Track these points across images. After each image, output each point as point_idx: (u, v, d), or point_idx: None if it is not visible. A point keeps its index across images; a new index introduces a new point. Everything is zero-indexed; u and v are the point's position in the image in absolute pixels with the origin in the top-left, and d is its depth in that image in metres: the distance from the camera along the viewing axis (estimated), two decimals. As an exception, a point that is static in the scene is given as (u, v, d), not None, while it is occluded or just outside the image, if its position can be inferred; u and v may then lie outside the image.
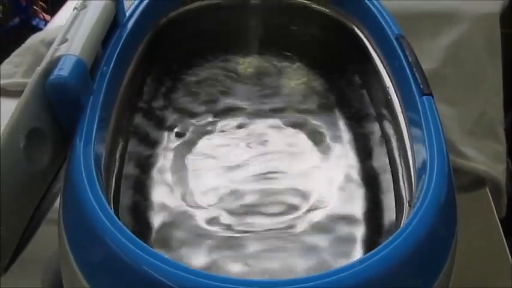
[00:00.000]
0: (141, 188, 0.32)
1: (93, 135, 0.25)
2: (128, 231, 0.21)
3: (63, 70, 0.25)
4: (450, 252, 0.24)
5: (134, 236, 0.20)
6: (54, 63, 0.26)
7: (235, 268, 0.28)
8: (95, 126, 0.25)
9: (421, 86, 0.28)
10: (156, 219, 0.30)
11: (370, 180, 0.33)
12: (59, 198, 0.26)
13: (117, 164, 0.30)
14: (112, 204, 0.26)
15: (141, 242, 0.20)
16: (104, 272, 0.21)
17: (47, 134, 0.26)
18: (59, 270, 0.33)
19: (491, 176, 0.39)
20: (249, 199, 0.32)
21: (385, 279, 0.20)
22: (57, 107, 0.26)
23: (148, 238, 0.29)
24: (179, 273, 0.19)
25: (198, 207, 0.31)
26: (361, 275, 0.20)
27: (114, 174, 0.29)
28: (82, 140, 0.24)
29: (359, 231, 0.30)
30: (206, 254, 0.28)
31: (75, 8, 0.31)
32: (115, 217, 0.21)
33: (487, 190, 0.39)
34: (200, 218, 0.31)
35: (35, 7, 0.93)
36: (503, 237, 0.36)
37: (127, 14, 0.34)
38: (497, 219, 0.38)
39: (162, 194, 0.32)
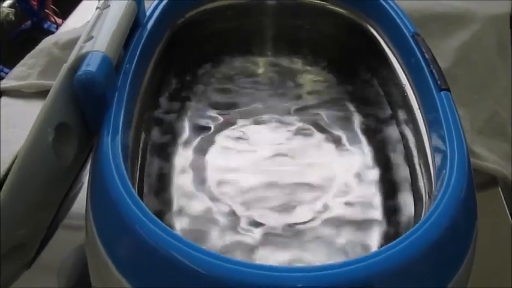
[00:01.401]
0: (164, 179, 0.33)
1: (120, 128, 0.25)
2: (158, 219, 0.21)
3: (91, 66, 0.25)
4: (471, 246, 0.24)
5: (164, 224, 0.21)
6: (81, 59, 0.26)
7: (264, 259, 0.29)
8: (121, 119, 0.26)
9: (439, 82, 0.28)
10: (178, 211, 0.31)
11: (388, 174, 0.33)
12: (86, 194, 0.26)
13: (140, 156, 0.31)
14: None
15: (171, 230, 0.21)
16: (136, 260, 0.22)
17: (73, 129, 0.27)
18: (76, 268, 0.34)
19: (503, 175, 0.40)
20: (267, 192, 0.32)
21: (406, 269, 0.21)
22: (84, 102, 0.27)
23: (172, 227, 0.30)
24: (208, 259, 0.20)
25: (220, 200, 0.32)
26: (382, 265, 0.20)
27: (138, 166, 0.30)
28: (109, 133, 0.25)
29: (377, 223, 0.30)
30: (230, 245, 0.29)
31: (97, 8, 0.31)
32: (145, 207, 0.22)
33: (499, 189, 0.40)
34: (221, 210, 0.31)
35: (46, 11, 0.94)
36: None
37: (147, 15, 0.34)
38: (510, 217, 0.38)
39: (184, 185, 0.33)
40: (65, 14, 0.75)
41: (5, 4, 0.86)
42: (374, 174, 0.34)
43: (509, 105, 0.45)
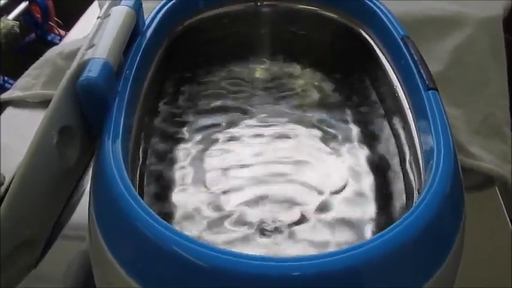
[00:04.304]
0: (164, 179, 0.34)
1: (120, 132, 0.26)
2: (159, 217, 0.22)
3: (92, 72, 0.27)
4: (456, 239, 0.24)
5: (166, 222, 0.22)
6: (83, 65, 0.27)
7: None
8: (122, 123, 0.27)
9: (427, 82, 0.29)
10: (176, 210, 0.32)
11: (381, 172, 0.34)
12: (88, 201, 0.27)
13: (140, 159, 0.31)
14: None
15: (173, 227, 0.21)
16: (139, 258, 0.22)
17: (76, 132, 0.28)
18: (80, 273, 0.34)
19: (499, 175, 0.40)
20: (265, 191, 0.33)
21: (390, 259, 0.21)
22: (86, 106, 0.28)
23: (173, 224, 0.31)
24: (210, 252, 0.20)
25: (219, 199, 0.33)
26: (361, 257, 0.21)
27: (139, 167, 0.31)
28: (111, 136, 0.26)
29: (371, 220, 0.31)
30: (226, 242, 0.30)
31: (99, 17, 0.33)
32: (146, 205, 0.22)
33: (496, 189, 0.40)
34: (220, 209, 0.32)
35: (50, 23, 0.95)
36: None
37: (146, 23, 0.35)
38: (507, 216, 0.38)
39: (183, 186, 0.33)
40: (68, 26, 0.76)
41: (10, 17, 0.88)
42: (368, 173, 0.35)
43: (504, 106, 0.45)
